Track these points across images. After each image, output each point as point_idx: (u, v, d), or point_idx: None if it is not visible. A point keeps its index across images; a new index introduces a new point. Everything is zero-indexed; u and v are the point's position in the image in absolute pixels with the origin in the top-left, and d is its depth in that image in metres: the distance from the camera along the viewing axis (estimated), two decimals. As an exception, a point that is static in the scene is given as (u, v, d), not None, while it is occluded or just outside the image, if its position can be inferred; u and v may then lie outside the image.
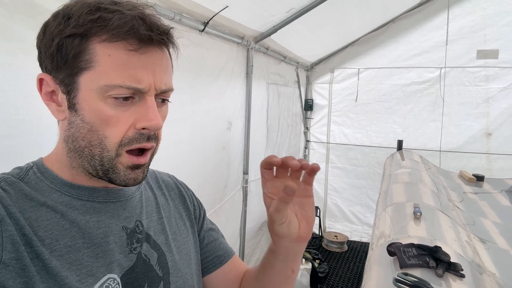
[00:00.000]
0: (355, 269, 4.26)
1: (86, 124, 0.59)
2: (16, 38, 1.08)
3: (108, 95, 0.57)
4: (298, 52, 4.00)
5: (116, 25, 0.56)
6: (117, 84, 0.57)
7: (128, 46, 0.57)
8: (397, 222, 1.96)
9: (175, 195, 0.86)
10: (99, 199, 0.66)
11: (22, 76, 1.10)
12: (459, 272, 1.29)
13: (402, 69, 4.47)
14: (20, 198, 0.58)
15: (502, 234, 2.04)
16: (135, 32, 0.56)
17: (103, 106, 0.58)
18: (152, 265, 0.69)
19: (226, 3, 2.00)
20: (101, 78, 0.57)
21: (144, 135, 0.61)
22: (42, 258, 0.55)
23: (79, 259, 0.59)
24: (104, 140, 0.59)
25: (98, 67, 0.57)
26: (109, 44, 0.57)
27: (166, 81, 0.62)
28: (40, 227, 0.57)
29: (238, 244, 3.07)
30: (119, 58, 0.57)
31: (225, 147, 2.57)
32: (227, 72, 2.53)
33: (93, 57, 0.57)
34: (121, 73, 0.57)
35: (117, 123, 0.59)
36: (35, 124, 1.15)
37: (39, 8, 1.12)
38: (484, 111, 4.15)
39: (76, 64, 0.58)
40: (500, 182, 3.15)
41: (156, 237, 0.73)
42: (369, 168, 4.81)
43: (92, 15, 0.56)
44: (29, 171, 0.63)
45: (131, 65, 0.57)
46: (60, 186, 0.63)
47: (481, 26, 4.04)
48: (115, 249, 0.64)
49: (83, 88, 0.58)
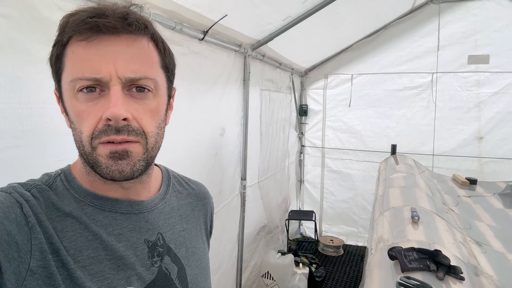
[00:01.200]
0: (352, 273, 4.28)
1: (72, 124, 0.61)
2: (24, 50, 1.09)
3: (76, 90, 0.58)
4: (293, 59, 4.04)
5: (71, 22, 0.58)
6: (77, 77, 0.57)
7: (79, 36, 0.57)
8: (395, 226, 1.99)
9: (201, 207, 0.86)
10: (122, 210, 0.67)
11: (28, 88, 1.12)
12: (459, 275, 1.32)
13: (395, 75, 4.53)
14: (48, 207, 0.59)
15: (497, 237, 2.08)
16: (84, 23, 0.57)
17: (75, 102, 0.59)
18: (172, 278, 0.70)
19: (225, 12, 2.02)
20: (68, 76, 0.59)
21: (111, 126, 0.58)
22: (68, 267, 0.56)
23: (101, 270, 0.60)
24: (81, 136, 0.60)
25: (66, 66, 0.59)
26: (70, 42, 0.59)
27: (135, 68, 0.59)
28: (65, 237, 0.58)
29: (237, 250, 3.08)
30: (78, 52, 0.58)
31: (217, 153, 2.58)
32: (223, 79, 2.55)
33: (65, 58, 0.59)
34: (81, 66, 0.57)
35: (88, 116, 0.58)
36: (38, 134, 1.16)
37: (47, 22, 1.14)
38: (476, 115, 4.21)
39: (58, 69, 0.61)
40: (492, 185, 3.20)
41: (177, 250, 0.73)
42: (364, 172, 4.85)
43: (64, 20, 0.59)
44: (57, 178, 0.64)
45: (89, 57, 0.57)
46: (84, 196, 0.64)
47: (472, 31, 4.12)
48: (137, 262, 0.65)
49: (63, 91, 0.61)
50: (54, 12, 1.16)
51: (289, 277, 3.51)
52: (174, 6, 1.71)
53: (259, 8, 2.31)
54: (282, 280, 3.42)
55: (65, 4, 1.20)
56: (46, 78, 1.12)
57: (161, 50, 0.66)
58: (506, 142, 4.11)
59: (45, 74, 1.12)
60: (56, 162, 0.70)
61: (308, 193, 5.32)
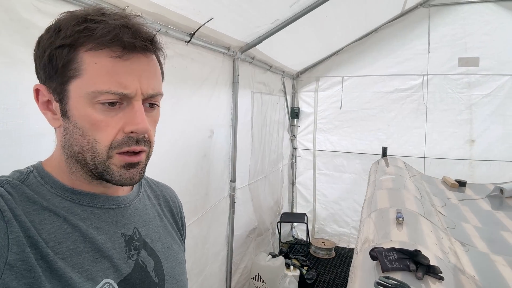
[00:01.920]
0: (343, 275, 4.29)
1: (78, 130, 0.62)
2: (1, 52, 1.09)
3: (96, 101, 0.60)
4: (283, 62, 4.05)
5: (101, 34, 0.59)
6: (103, 90, 0.59)
7: (112, 53, 0.60)
8: (380, 227, 2.00)
9: (169, 208, 0.89)
10: (99, 205, 0.68)
11: (5, 90, 1.12)
12: (438, 275, 1.33)
13: (385, 77, 4.55)
14: (23, 201, 0.60)
15: (482, 238, 2.09)
16: (118, 40, 0.59)
17: (92, 111, 0.61)
18: (149, 271, 0.71)
19: (211, 15, 2.03)
20: (88, 85, 0.60)
21: (132, 138, 0.63)
22: (47, 259, 0.57)
23: (80, 262, 0.61)
24: (94, 144, 0.62)
25: (86, 75, 0.60)
26: (94, 53, 0.60)
27: (154, 85, 0.65)
28: (44, 230, 0.59)
29: (226, 252, 3.08)
30: (104, 65, 0.60)
31: (206, 155, 2.58)
32: (211, 82, 2.56)
33: (81, 65, 0.60)
34: (107, 80, 0.59)
35: (106, 127, 0.61)
36: (15, 136, 1.16)
37: (26, 23, 1.14)
38: (467, 117, 4.23)
39: (66, 73, 0.61)
40: (481, 187, 3.23)
41: (153, 244, 0.75)
42: (355, 174, 4.86)
43: (79, 26, 0.60)
44: (29, 174, 0.65)
45: (116, 71, 0.60)
46: (60, 191, 0.65)
47: (461, 34, 4.15)
48: (114, 255, 0.66)
49: (73, 96, 0.61)
50: (33, 13, 1.17)
51: (279, 280, 3.51)
52: (158, 9, 1.71)
53: (247, 12, 2.32)
54: (272, 282, 3.42)
55: (44, 5, 1.20)
56: (24, 79, 1.14)
57: (162, 64, 0.72)
58: (497, 144, 4.13)
59: (23, 75, 1.14)
60: (32, 163, 0.70)
61: (301, 195, 5.32)
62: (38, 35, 1.15)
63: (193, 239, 2.42)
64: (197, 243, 2.51)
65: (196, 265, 2.51)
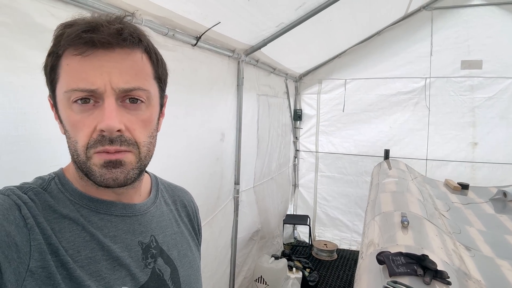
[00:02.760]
0: (345, 277, 4.30)
1: (67, 133, 0.63)
2: (17, 56, 1.10)
3: (71, 101, 0.60)
4: (287, 64, 4.06)
5: (67, 35, 0.59)
6: (72, 88, 0.59)
7: (74, 51, 0.59)
8: (385, 231, 2.01)
9: (186, 213, 0.89)
10: (116, 212, 0.69)
11: (22, 94, 1.13)
12: (446, 280, 1.34)
13: (388, 80, 4.56)
14: (45, 209, 0.61)
15: (487, 242, 2.10)
16: (80, 38, 0.59)
17: (70, 112, 0.61)
18: (166, 279, 0.72)
19: (219, 19, 2.04)
20: (63, 86, 0.61)
21: (105, 137, 0.60)
22: (67, 267, 0.57)
23: (98, 270, 0.61)
24: (75, 145, 0.62)
25: (61, 77, 0.61)
26: (65, 55, 0.60)
27: (128, 79, 0.61)
28: (64, 238, 0.60)
29: (230, 254, 3.08)
30: (73, 65, 0.60)
31: (219, 158, 2.60)
32: (219, 85, 2.57)
33: (59, 70, 0.61)
34: (75, 78, 0.59)
35: (83, 127, 0.60)
36: (33, 140, 1.17)
37: (40, 28, 1.15)
38: (470, 120, 4.24)
39: (52, 79, 0.63)
40: (484, 190, 3.24)
41: (169, 252, 0.75)
42: (357, 177, 4.87)
43: (58, 32, 0.61)
44: (51, 182, 0.66)
45: (83, 69, 0.59)
46: (79, 198, 0.66)
47: (464, 37, 4.16)
48: (131, 263, 0.67)
49: (58, 100, 0.63)
50: (47, 18, 1.17)
51: (282, 282, 3.52)
52: (166, 13, 1.73)
53: (253, 16, 2.33)
54: (275, 284, 3.43)
55: (57, 11, 1.21)
56: (40, 84, 1.14)
57: (154, 61, 0.68)
58: (500, 147, 4.14)
59: (39, 80, 1.13)
60: (51, 167, 0.71)
61: (302, 198, 5.33)
62: (52, 39, 1.19)
63: (204, 242, 2.42)
64: (208, 246, 2.52)
65: (208, 268, 2.53)
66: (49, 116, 1.18)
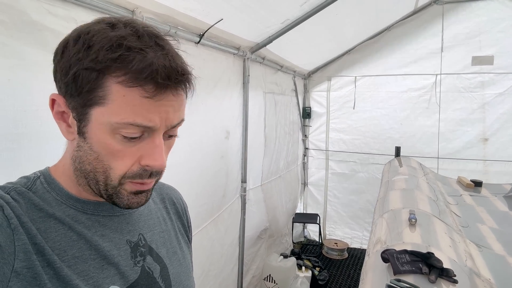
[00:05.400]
0: (356, 277, 4.25)
1: (93, 152, 0.60)
2: (15, 54, 1.11)
3: (118, 131, 0.57)
4: (294, 61, 4.04)
5: (135, 70, 0.55)
6: (128, 122, 0.56)
7: (144, 93, 0.56)
8: (392, 228, 1.98)
9: (175, 210, 0.88)
10: (104, 213, 0.68)
11: (21, 91, 1.13)
12: (452, 278, 1.31)
13: (398, 76, 4.51)
14: (29, 208, 0.59)
15: (498, 240, 2.05)
16: (152, 79, 0.55)
17: (111, 140, 0.58)
18: (155, 277, 0.71)
19: (221, 16, 2.03)
20: (112, 116, 0.57)
21: (147, 171, 0.61)
22: (54, 266, 0.56)
23: (86, 270, 0.60)
24: (108, 170, 0.60)
25: (111, 105, 0.56)
26: (125, 87, 0.56)
27: (179, 115, 0.63)
28: (49, 238, 0.59)
29: (237, 253, 3.07)
30: (133, 100, 0.56)
31: (223, 156, 2.59)
32: (224, 82, 2.56)
33: (108, 94, 0.56)
34: (133, 113, 0.56)
35: (123, 157, 0.59)
36: (34, 137, 1.17)
37: (37, 26, 1.15)
38: (480, 116, 4.18)
39: (90, 97, 0.57)
40: (498, 187, 3.17)
41: (158, 250, 0.75)
42: (368, 174, 4.84)
43: (112, 52, 0.55)
44: (36, 181, 0.64)
45: (144, 107, 0.56)
46: (65, 199, 0.64)
47: (475, 32, 4.08)
48: (120, 262, 0.66)
49: (93, 120, 0.58)
50: (44, 16, 1.18)
51: (291, 281, 3.50)
52: (167, 10, 1.72)
53: (256, 12, 2.31)
54: (284, 283, 3.41)
55: (54, 8, 1.21)
56: (38, 81, 1.15)
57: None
58: (511, 143, 4.06)
59: (37, 77, 1.15)
60: (50, 165, 0.70)
61: (312, 196, 5.30)
62: (50, 37, 1.18)
63: (209, 241, 2.43)
64: (214, 244, 2.52)
65: (214, 267, 2.52)
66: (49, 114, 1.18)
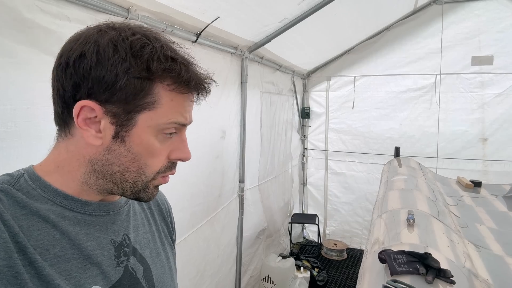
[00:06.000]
0: (355, 277, 4.23)
1: (131, 154, 0.63)
2: (5, 53, 1.09)
3: (162, 130, 0.64)
4: (293, 61, 4.02)
5: (185, 80, 0.63)
6: (173, 121, 0.64)
7: (191, 97, 0.67)
8: (390, 228, 1.96)
9: (159, 212, 0.88)
10: (90, 212, 0.67)
11: (12, 90, 1.11)
12: (449, 279, 1.29)
13: (398, 76, 4.50)
14: (12, 206, 0.58)
15: (497, 240, 2.03)
16: (195, 87, 0.65)
17: (154, 141, 0.64)
18: (138, 278, 0.71)
19: (218, 14, 2.01)
20: (161, 118, 0.63)
21: (174, 163, 0.69)
22: (35, 265, 0.55)
23: (68, 269, 0.60)
24: (143, 168, 0.65)
25: (161, 109, 0.63)
26: (175, 93, 0.64)
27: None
28: (31, 236, 0.57)
29: (235, 253, 3.06)
30: (178, 102, 0.65)
31: (218, 156, 2.57)
32: (220, 82, 2.53)
33: (158, 99, 0.62)
34: (177, 113, 0.65)
35: (159, 154, 0.66)
36: (24, 136, 1.16)
37: (29, 23, 1.14)
38: (480, 116, 4.17)
39: (139, 103, 0.61)
40: (497, 187, 3.15)
41: (142, 250, 0.75)
42: (367, 174, 4.82)
43: (163, 64, 0.61)
44: (20, 178, 0.63)
45: (184, 107, 0.66)
46: (52, 195, 0.63)
47: (475, 32, 4.07)
48: (103, 261, 0.65)
49: (140, 125, 0.62)
50: (36, 13, 1.16)
51: (289, 281, 3.48)
52: (163, 8, 1.70)
53: (254, 11, 2.30)
54: (282, 284, 3.40)
55: (46, 5, 1.19)
56: (30, 80, 1.14)
57: None
58: (511, 143, 4.05)
59: (28, 76, 1.13)
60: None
61: (312, 196, 5.28)
62: (42, 34, 1.17)
63: (205, 241, 2.41)
64: (209, 244, 2.50)
65: (210, 267, 2.51)
66: (40, 112, 1.16)
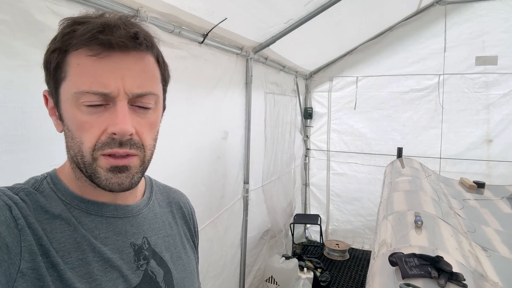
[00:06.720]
0: (357, 278, 4.23)
1: (69, 132, 0.62)
2: (17, 55, 1.09)
3: (80, 102, 0.59)
4: (297, 61, 4.02)
5: (80, 34, 0.58)
6: (84, 90, 0.58)
7: (89, 52, 0.58)
8: (398, 230, 1.95)
9: (181, 215, 0.87)
10: (107, 214, 0.67)
11: (22, 93, 1.11)
12: (461, 282, 1.29)
13: (401, 77, 4.49)
14: (36, 209, 0.59)
15: (504, 242, 2.03)
16: (96, 38, 0.57)
17: (77, 112, 0.59)
18: (159, 281, 0.70)
19: (225, 16, 2.01)
20: (71, 87, 0.59)
21: (115, 140, 0.60)
22: (57, 268, 0.56)
23: (89, 272, 0.60)
24: (81, 146, 0.60)
25: (69, 76, 0.59)
26: (75, 53, 0.59)
27: (141, 84, 0.61)
28: (55, 239, 0.59)
29: (239, 254, 3.05)
30: (85, 66, 0.58)
31: (220, 157, 2.56)
32: (225, 82, 2.53)
33: (67, 68, 0.59)
34: (87, 80, 0.58)
35: (91, 128, 0.59)
36: (34, 139, 1.16)
37: (40, 26, 1.13)
38: (485, 117, 4.14)
39: (57, 76, 0.61)
40: (501, 188, 3.14)
41: (162, 254, 0.74)
42: (369, 174, 4.81)
43: (67, 28, 0.60)
44: (43, 181, 0.65)
45: (97, 71, 0.58)
46: (70, 199, 0.64)
47: (479, 32, 4.06)
48: (123, 265, 0.65)
49: (63, 98, 0.61)
50: (48, 16, 1.16)
51: (293, 282, 3.48)
52: (172, 9, 1.70)
53: (261, 12, 2.29)
54: (286, 284, 3.39)
55: (59, 8, 1.19)
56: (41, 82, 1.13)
57: (161, 65, 0.69)
58: (516, 145, 4.04)
59: (39, 78, 1.12)
60: (50, 166, 0.70)
61: (314, 197, 5.28)
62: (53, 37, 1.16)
63: (208, 242, 2.41)
64: (212, 245, 2.49)
65: (212, 268, 2.50)
66: (48, 115, 1.16)
